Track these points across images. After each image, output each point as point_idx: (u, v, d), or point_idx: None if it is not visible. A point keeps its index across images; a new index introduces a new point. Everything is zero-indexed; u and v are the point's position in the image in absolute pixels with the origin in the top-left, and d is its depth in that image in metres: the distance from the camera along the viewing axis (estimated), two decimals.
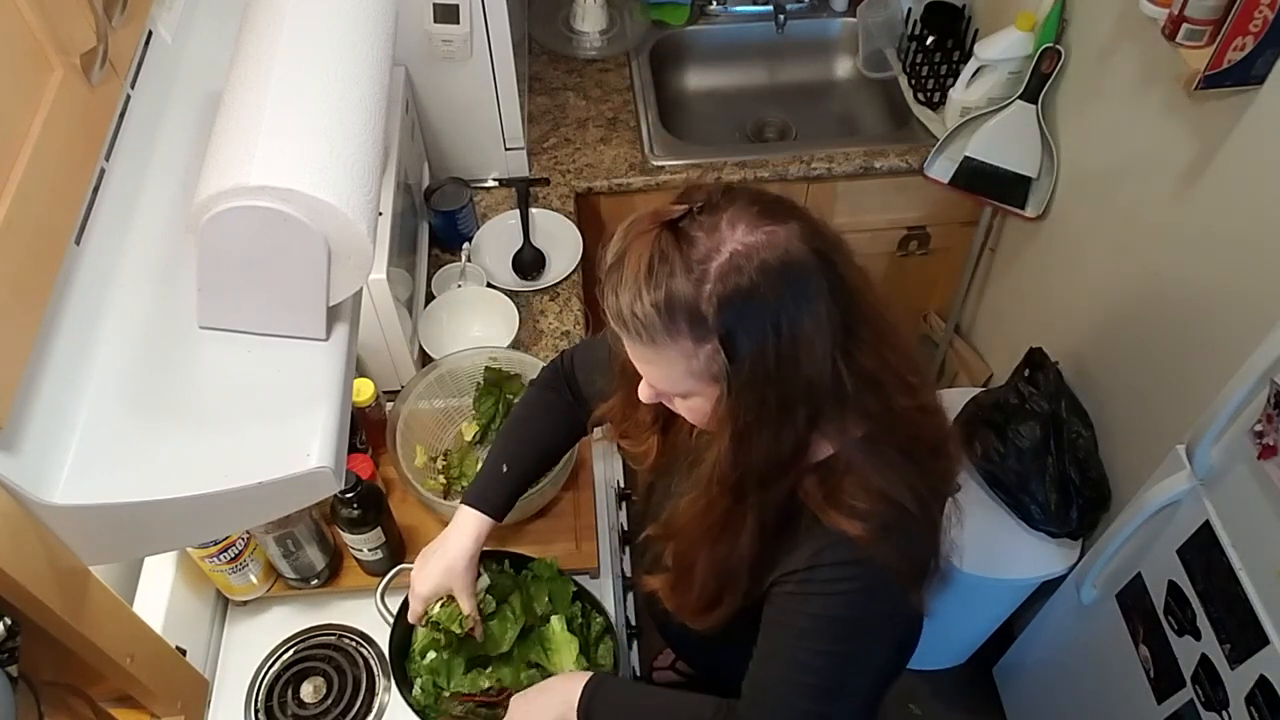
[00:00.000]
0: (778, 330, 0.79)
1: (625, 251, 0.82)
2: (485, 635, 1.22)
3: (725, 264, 0.79)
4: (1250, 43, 1.23)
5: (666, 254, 0.80)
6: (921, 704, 2.20)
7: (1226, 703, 1.27)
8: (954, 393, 1.95)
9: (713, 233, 0.80)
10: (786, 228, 0.81)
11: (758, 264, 0.78)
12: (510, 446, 1.24)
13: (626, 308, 0.81)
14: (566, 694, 1.07)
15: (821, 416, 0.87)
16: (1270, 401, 1.13)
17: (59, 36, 0.70)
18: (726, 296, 0.78)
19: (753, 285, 0.78)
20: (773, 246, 0.79)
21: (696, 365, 0.83)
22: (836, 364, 0.84)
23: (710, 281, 0.78)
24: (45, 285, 0.71)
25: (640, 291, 0.80)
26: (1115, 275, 1.69)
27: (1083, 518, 1.72)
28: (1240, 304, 1.37)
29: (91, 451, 0.72)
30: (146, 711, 1.00)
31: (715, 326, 0.79)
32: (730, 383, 0.82)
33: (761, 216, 0.81)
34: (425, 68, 1.67)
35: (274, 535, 1.26)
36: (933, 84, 2.05)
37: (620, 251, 0.83)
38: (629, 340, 0.85)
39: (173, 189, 0.86)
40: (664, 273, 0.79)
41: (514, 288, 1.72)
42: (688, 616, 1.03)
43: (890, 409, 0.90)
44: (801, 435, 0.87)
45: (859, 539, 0.88)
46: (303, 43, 0.81)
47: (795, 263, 0.80)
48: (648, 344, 0.83)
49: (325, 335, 0.80)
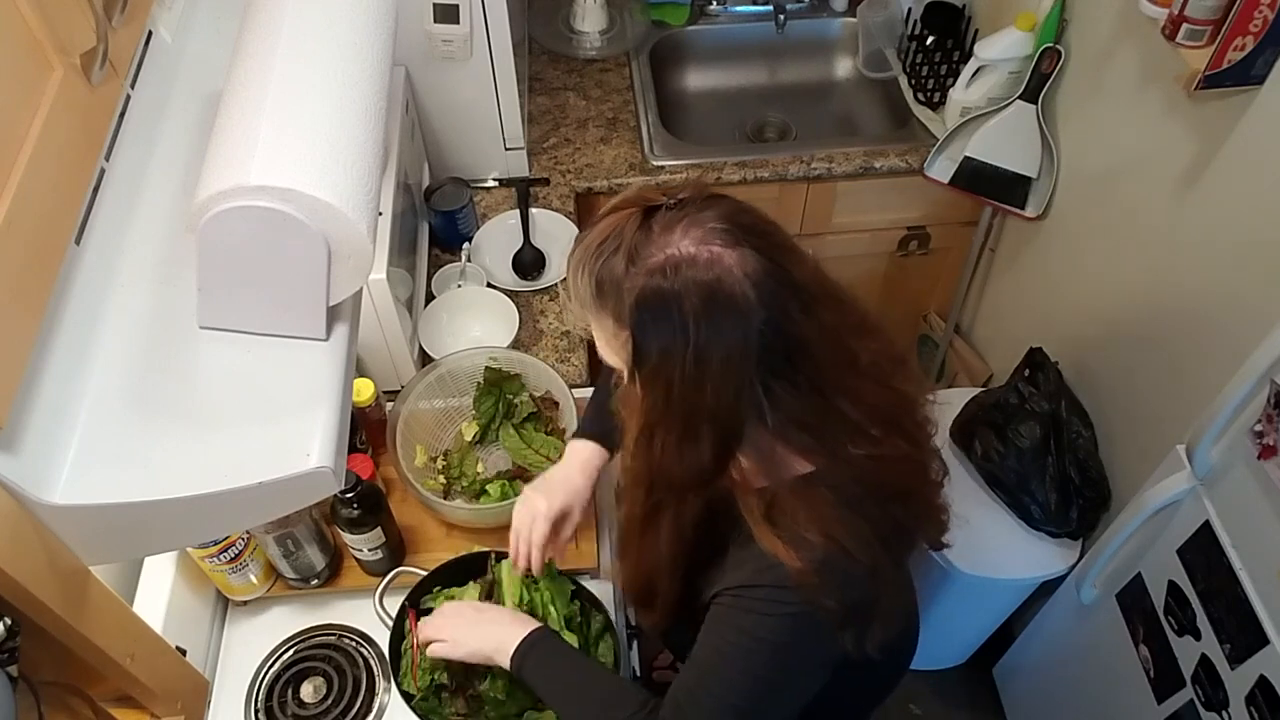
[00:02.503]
0: (685, 346, 0.80)
1: (600, 219, 0.86)
2: None
3: (658, 264, 0.80)
4: (1250, 43, 1.23)
5: (622, 235, 0.83)
6: (921, 704, 2.20)
7: (1226, 703, 1.27)
8: (954, 393, 1.95)
9: (666, 232, 0.81)
10: (737, 253, 0.80)
11: (687, 277, 0.79)
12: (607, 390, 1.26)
13: (571, 270, 0.87)
14: (506, 637, 1.09)
15: (736, 444, 0.87)
16: (1270, 401, 1.13)
17: (59, 36, 0.70)
18: (644, 295, 0.81)
19: (672, 294, 0.79)
20: (709, 266, 0.79)
21: (616, 345, 0.87)
22: (758, 399, 0.83)
23: (640, 275, 0.81)
24: (45, 285, 0.71)
25: (586, 259, 0.85)
26: (1115, 275, 1.69)
27: (1083, 518, 1.72)
28: (1240, 304, 1.37)
29: (91, 451, 0.72)
30: (146, 711, 1.00)
31: (629, 320, 0.82)
32: (638, 374, 0.85)
33: (718, 234, 0.81)
34: (425, 68, 1.67)
35: (274, 535, 1.26)
36: (933, 84, 2.05)
37: (598, 216, 0.87)
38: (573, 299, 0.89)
39: (173, 189, 0.86)
40: (610, 250, 0.83)
41: (514, 288, 1.72)
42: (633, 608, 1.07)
43: (834, 454, 0.90)
44: (709, 457, 0.86)
45: (794, 569, 0.88)
46: (303, 42, 0.81)
47: (724, 289, 0.79)
48: (585, 307, 0.87)
49: (325, 335, 0.80)
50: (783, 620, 0.91)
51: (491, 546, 1.31)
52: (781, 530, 0.89)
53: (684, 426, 0.85)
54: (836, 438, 0.90)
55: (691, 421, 0.84)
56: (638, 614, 1.07)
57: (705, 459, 0.87)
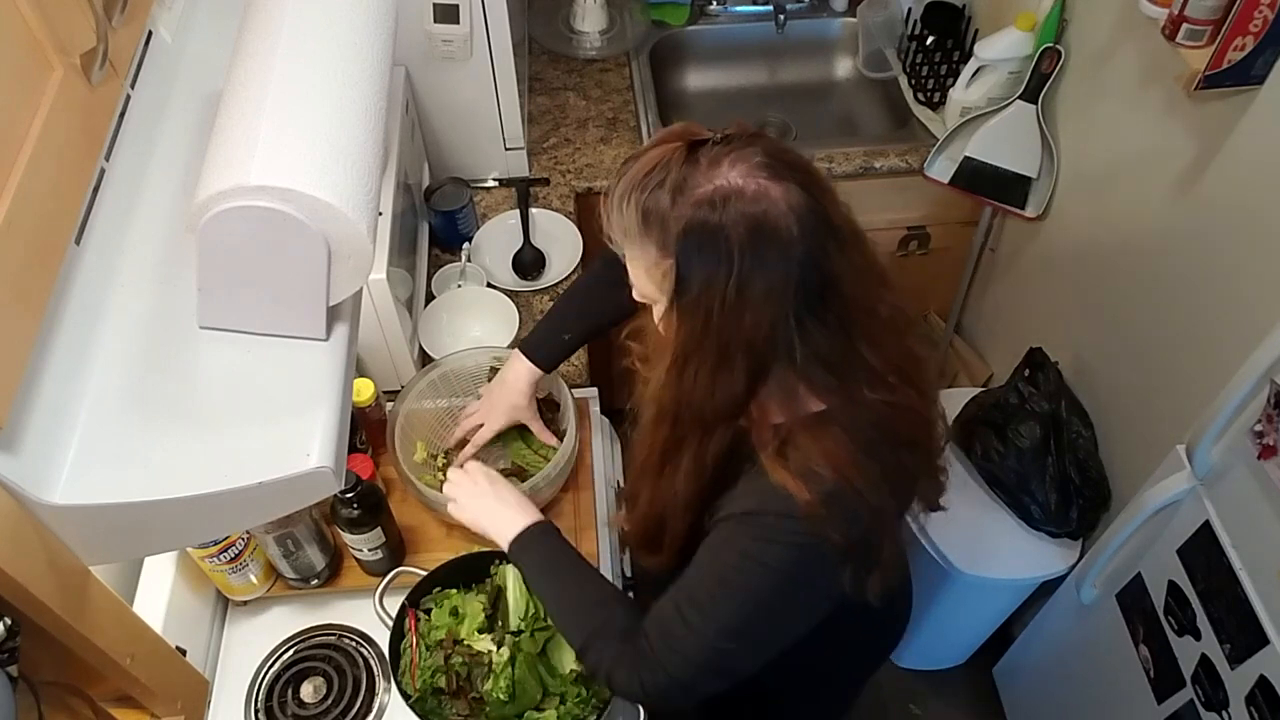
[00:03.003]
0: (728, 277, 0.83)
1: (642, 152, 0.88)
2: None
3: (706, 195, 0.83)
4: (1250, 43, 1.23)
5: (669, 167, 0.85)
6: (921, 704, 2.20)
7: (1226, 703, 1.27)
8: (954, 393, 1.95)
9: (713, 166, 0.84)
10: (782, 187, 0.83)
11: (735, 208, 0.82)
12: (571, 314, 1.35)
13: (616, 200, 0.88)
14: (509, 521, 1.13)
15: (766, 377, 0.90)
16: (1270, 401, 1.13)
17: (59, 36, 0.70)
18: (692, 225, 0.83)
19: (719, 225, 0.82)
20: (757, 199, 0.82)
21: (656, 275, 0.89)
22: (789, 333, 0.86)
23: (688, 205, 0.83)
24: (45, 285, 0.71)
25: (633, 190, 0.86)
26: (1115, 275, 1.69)
27: (1083, 518, 1.72)
28: (1240, 304, 1.37)
29: (91, 451, 0.72)
30: (146, 711, 1.00)
31: (674, 248, 0.84)
32: (678, 304, 0.87)
33: (764, 169, 0.84)
34: (425, 68, 1.67)
35: (274, 535, 1.25)
36: (933, 84, 2.05)
37: (639, 150, 0.89)
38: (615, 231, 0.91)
39: (173, 189, 0.86)
40: (656, 181, 0.85)
41: (514, 288, 1.72)
42: (637, 553, 1.09)
43: (850, 395, 0.93)
44: (741, 388, 0.89)
45: (802, 500, 0.90)
46: (303, 42, 0.81)
47: (770, 222, 0.82)
48: (627, 238, 0.89)
49: (325, 335, 0.80)
50: (787, 549, 0.92)
51: (491, 547, 1.31)
52: (793, 465, 0.91)
53: (719, 356, 0.87)
54: (855, 380, 0.92)
55: (727, 351, 0.87)
56: (642, 558, 1.09)
57: (738, 389, 0.89)
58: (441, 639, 1.22)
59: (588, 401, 1.54)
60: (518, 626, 1.22)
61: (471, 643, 1.21)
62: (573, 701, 1.19)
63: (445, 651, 1.21)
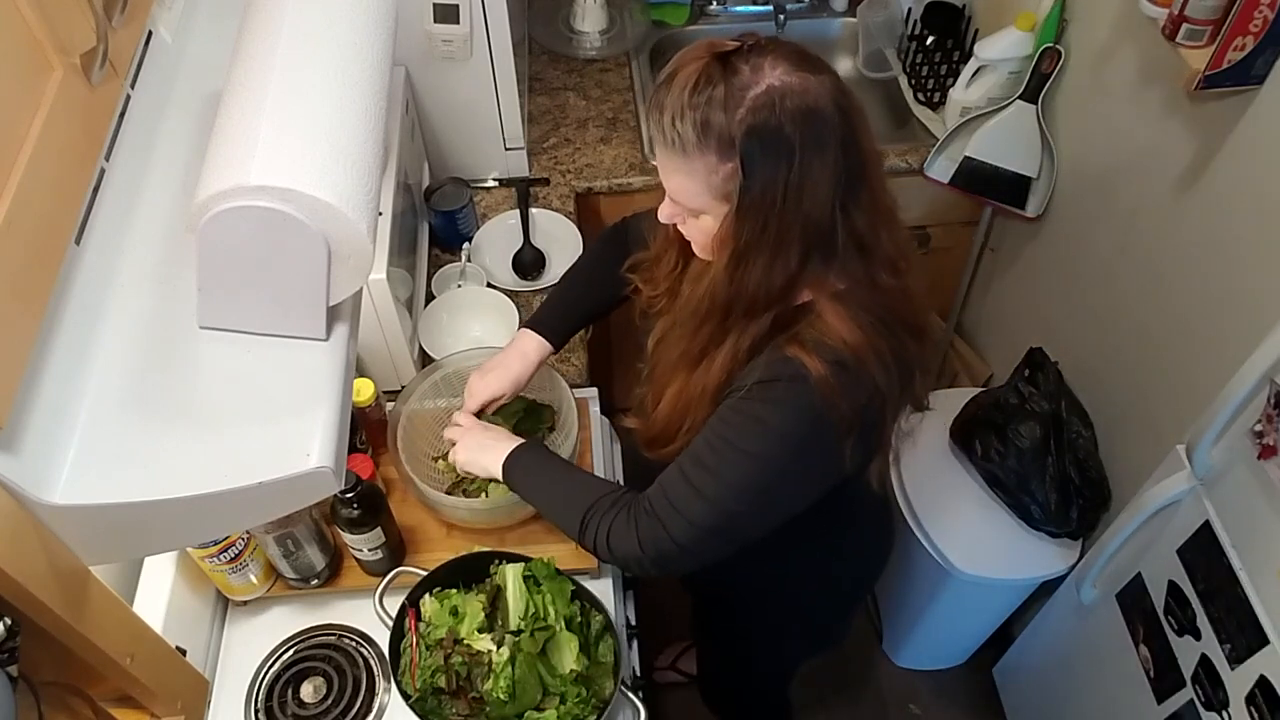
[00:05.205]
0: (790, 165, 0.89)
1: (676, 72, 0.92)
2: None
3: (760, 96, 0.88)
4: (1250, 43, 1.23)
5: (713, 78, 0.89)
6: (921, 704, 2.20)
7: (1226, 703, 1.27)
8: (954, 393, 1.95)
9: (757, 69, 0.89)
10: (819, 79, 0.90)
11: (788, 103, 0.88)
12: (576, 290, 1.39)
13: (669, 119, 0.91)
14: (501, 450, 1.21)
15: (811, 260, 0.96)
16: (1270, 401, 1.13)
17: (59, 36, 0.70)
18: (755, 126, 0.88)
19: (779, 121, 0.88)
20: (804, 92, 0.89)
21: (715, 181, 0.92)
22: (834, 214, 0.93)
23: (744, 109, 0.88)
24: (45, 285, 0.71)
25: (683, 107, 0.90)
26: (1115, 275, 1.69)
27: (1083, 518, 1.72)
28: (1240, 304, 1.37)
29: (91, 451, 0.72)
30: (146, 711, 1.00)
31: (740, 149, 0.89)
32: (740, 202, 0.91)
33: (801, 64, 0.90)
34: (425, 68, 1.67)
35: (274, 535, 1.25)
36: (933, 84, 2.05)
37: (671, 71, 0.93)
38: (664, 150, 0.94)
39: (173, 189, 0.86)
40: (706, 93, 0.89)
41: (514, 288, 1.72)
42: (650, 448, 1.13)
43: (872, 278, 0.99)
44: (793, 272, 0.95)
45: (812, 369, 0.95)
46: (303, 42, 0.81)
47: (819, 110, 0.89)
48: (679, 153, 0.92)
49: (325, 335, 0.80)
50: (798, 412, 0.97)
51: (491, 547, 1.31)
52: (809, 338, 0.97)
53: (777, 245, 0.93)
54: (878, 263, 0.99)
55: (784, 236, 0.93)
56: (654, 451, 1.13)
57: (792, 273, 0.95)
58: (441, 639, 1.23)
59: (588, 401, 1.54)
60: (517, 626, 1.22)
61: (471, 642, 1.21)
62: (573, 701, 1.19)
63: (445, 651, 1.21)
